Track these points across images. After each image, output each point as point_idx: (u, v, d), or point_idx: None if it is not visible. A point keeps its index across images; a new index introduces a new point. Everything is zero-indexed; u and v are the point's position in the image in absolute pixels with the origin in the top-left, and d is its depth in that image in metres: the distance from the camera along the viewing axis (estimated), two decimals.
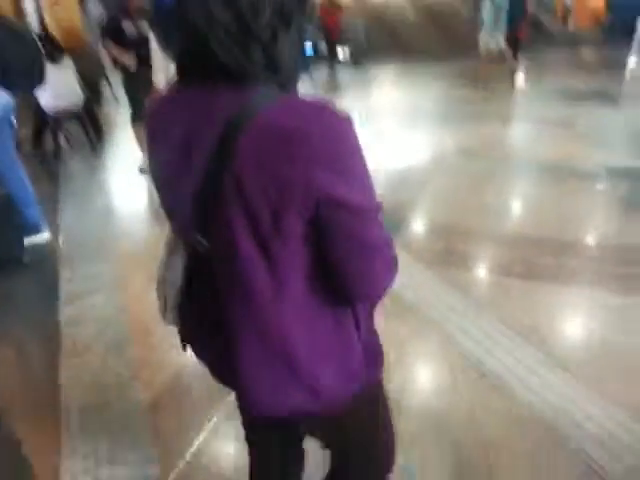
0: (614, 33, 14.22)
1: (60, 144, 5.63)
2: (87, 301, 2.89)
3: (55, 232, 3.73)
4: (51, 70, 4.83)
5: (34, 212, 3.54)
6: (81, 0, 9.46)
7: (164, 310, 1.08)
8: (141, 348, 2.48)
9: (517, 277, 3.02)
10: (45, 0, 8.98)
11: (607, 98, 7.55)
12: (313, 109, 0.79)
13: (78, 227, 3.84)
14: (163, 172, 0.93)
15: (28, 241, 3.47)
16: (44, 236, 3.61)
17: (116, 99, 7.61)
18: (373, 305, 1.05)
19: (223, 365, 0.97)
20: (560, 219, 3.77)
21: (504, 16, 8.63)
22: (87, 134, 5.67)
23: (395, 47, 11.57)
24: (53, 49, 5.18)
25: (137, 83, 4.93)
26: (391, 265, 0.90)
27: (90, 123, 5.73)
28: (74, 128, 5.89)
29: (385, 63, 10.98)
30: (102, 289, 3.01)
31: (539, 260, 3.19)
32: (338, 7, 10.46)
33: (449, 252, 3.27)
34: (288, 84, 0.85)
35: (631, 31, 14.07)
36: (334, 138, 0.78)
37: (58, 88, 5.22)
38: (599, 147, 5.47)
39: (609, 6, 14.69)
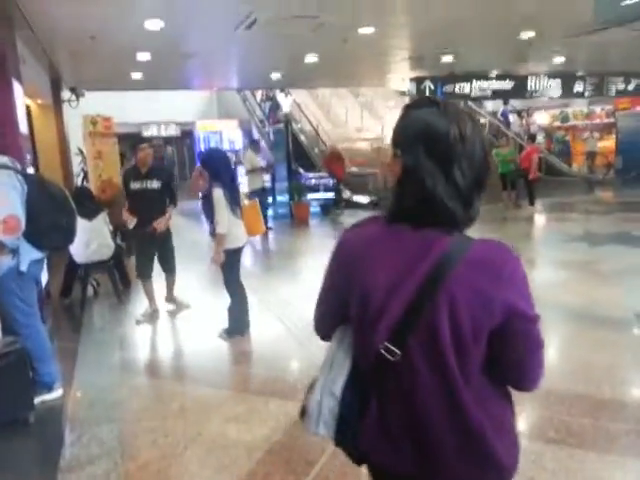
0: (626, 175, 14.75)
1: (86, 294, 5.78)
2: (88, 470, 2.71)
3: (68, 388, 3.65)
4: (85, 223, 5.17)
5: (49, 369, 3.50)
6: (122, 156, 10.38)
7: (315, 418, 1.25)
8: None
9: (550, 442, 2.76)
10: (89, 154, 9.95)
11: (629, 240, 7.56)
12: (503, 248, 1.14)
13: (92, 384, 3.76)
14: (359, 290, 1.16)
15: (38, 399, 3.40)
16: (56, 394, 3.52)
17: None
18: None
19: (412, 462, 1.17)
20: (592, 372, 3.55)
21: None
22: (114, 284, 5.83)
23: None
24: (90, 206, 5.55)
25: (138, 241, 5.20)
26: (543, 359, 1.18)
27: (118, 273, 5.93)
28: (102, 277, 6.08)
29: None
30: (106, 456, 2.84)
31: (573, 422, 2.94)
32: (340, 157, 12.49)
33: None
34: (465, 230, 1.17)
35: None
36: (518, 268, 1.12)
37: (90, 240, 5.49)
38: (626, 292, 5.34)
39: (619, 150, 15.42)
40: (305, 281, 6.77)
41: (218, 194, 4.16)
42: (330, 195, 12.18)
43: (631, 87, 13.04)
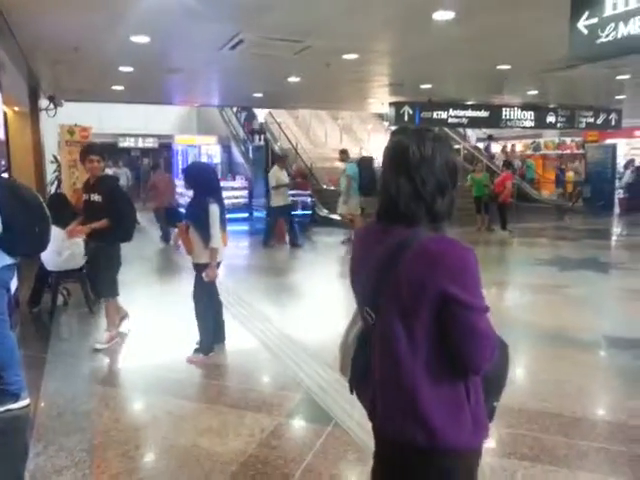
0: (594, 203, 15.25)
1: (56, 303, 5.63)
2: None
3: (35, 397, 3.54)
4: (59, 230, 5.05)
5: (16, 378, 3.38)
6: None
7: (342, 365, 1.62)
8: None
9: (524, 459, 2.79)
10: (64, 163, 9.78)
11: (597, 266, 7.79)
12: (446, 241, 1.35)
13: (60, 394, 3.65)
14: (355, 270, 1.53)
15: (3, 408, 3.29)
16: (22, 403, 3.40)
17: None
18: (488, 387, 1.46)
19: (372, 405, 1.48)
20: (564, 392, 3.62)
21: (355, 185, 9.93)
22: (85, 294, 5.70)
23: None
24: (65, 213, 5.44)
25: (90, 259, 4.95)
26: (488, 349, 1.35)
27: (90, 283, 5.80)
28: (73, 286, 5.95)
29: None
30: (74, 467, 2.75)
31: (546, 439, 2.98)
32: (305, 176, 13.53)
33: None
34: (440, 227, 1.40)
35: (609, 202, 15.13)
36: (461, 259, 1.32)
37: (63, 248, 5.37)
38: (594, 315, 5.49)
39: (588, 179, 15.93)
40: (280, 296, 6.76)
41: (214, 210, 4.17)
42: (307, 212, 12.25)
43: (599, 121, 13.57)
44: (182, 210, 5.59)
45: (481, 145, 19.62)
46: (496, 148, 19.70)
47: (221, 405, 3.49)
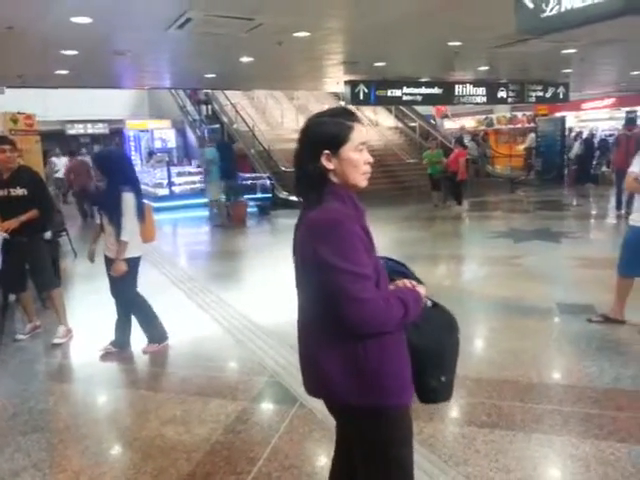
0: (545, 176, 15.71)
1: (8, 299, 5.41)
2: None
3: None
4: None
5: None
6: (44, 154, 9.92)
7: None
8: None
9: (483, 426, 2.89)
10: None
11: (549, 236, 8.05)
12: (327, 210, 1.48)
13: (14, 393, 3.53)
14: None
15: None
16: None
17: (74, 252, 7.60)
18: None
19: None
20: (519, 359, 3.75)
21: (216, 169, 10.25)
22: (38, 289, 5.49)
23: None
24: None
25: (5, 251, 4.37)
26: (361, 312, 1.40)
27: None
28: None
29: None
30: (32, 468, 2.67)
31: (503, 406, 3.09)
32: (245, 157, 13.83)
33: None
34: (334, 199, 1.52)
35: (559, 174, 15.60)
36: (330, 226, 1.44)
37: None
38: (547, 283, 5.68)
39: (539, 152, 16.34)
40: (242, 281, 6.71)
41: (129, 199, 3.91)
42: (267, 195, 12.14)
43: (548, 94, 13.90)
44: None
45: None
46: (449, 124, 19.71)
47: (184, 394, 3.45)
